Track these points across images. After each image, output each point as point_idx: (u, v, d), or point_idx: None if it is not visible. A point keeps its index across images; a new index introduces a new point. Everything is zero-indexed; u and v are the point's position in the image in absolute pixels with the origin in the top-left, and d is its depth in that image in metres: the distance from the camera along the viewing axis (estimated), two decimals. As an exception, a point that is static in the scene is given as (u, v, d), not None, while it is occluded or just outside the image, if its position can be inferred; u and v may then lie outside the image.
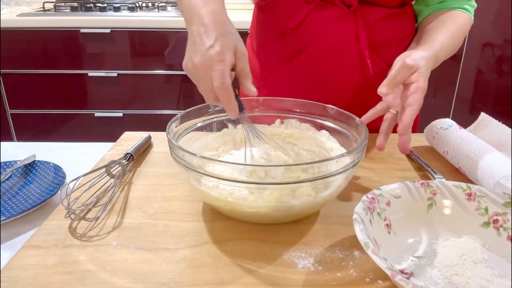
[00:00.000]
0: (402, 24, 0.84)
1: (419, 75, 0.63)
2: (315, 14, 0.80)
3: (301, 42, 0.83)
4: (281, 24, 0.83)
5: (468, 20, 0.80)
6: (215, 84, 0.50)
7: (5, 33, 1.94)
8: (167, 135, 0.54)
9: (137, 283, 0.44)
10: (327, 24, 0.80)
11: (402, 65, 0.63)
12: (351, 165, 0.50)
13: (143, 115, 2.12)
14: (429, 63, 0.66)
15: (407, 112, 0.60)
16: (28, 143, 0.83)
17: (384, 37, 0.82)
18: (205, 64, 0.51)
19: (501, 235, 0.49)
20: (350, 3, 0.78)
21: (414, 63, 0.63)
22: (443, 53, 0.72)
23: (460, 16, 0.79)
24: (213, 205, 0.55)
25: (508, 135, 0.70)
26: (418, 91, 0.61)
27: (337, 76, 0.83)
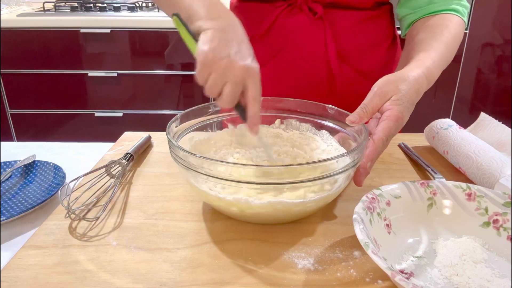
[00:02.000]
0: (377, 28, 0.80)
1: (392, 103, 0.56)
2: (283, 20, 0.78)
3: (272, 49, 0.80)
4: (251, 29, 0.80)
5: (460, 24, 0.73)
6: (253, 97, 0.51)
7: (5, 33, 1.94)
8: (167, 135, 0.54)
9: (137, 283, 0.44)
10: (295, 31, 0.77)
11: (376, 92, 0.57)
12: (351, 165, 0.50)
13: (143, 115, 2.13)
14: (415, 87, 0.59)
15: (370, 141, 0.55)
16: (28, 143, 0.83)
17: (356, 43, 0.78)
18: (245, 68, 0.50)
19: (501, 235, 0.49)
20: (315, 10, 0.75)
21: (389, 89, 0.57)
22: (437, 69, 0.65)
23: (451, 22, 0.72)
24: (212, 205, 0.55)
25: (508, 135, 0.70)
26: (388, 119, 0.55)
27: (306, 84, 0.81)
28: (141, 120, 2.13)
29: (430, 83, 0.63)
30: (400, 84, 0.57)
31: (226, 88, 0.50)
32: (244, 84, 0.51)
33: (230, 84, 0.50)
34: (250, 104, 0.52)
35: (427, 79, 0.61)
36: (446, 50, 0.68)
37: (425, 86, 0.61)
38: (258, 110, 0.52)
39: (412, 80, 0.58)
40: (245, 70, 0.50)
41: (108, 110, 2.11)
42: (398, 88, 0.57)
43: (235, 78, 0.50)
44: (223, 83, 0.51)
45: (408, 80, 0.58)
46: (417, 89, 0.59)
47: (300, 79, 0.80)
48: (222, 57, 0.50)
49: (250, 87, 0.51)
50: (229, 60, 0.50)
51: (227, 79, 0.50)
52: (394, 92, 0.57)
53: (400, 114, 0.56)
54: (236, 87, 0.51)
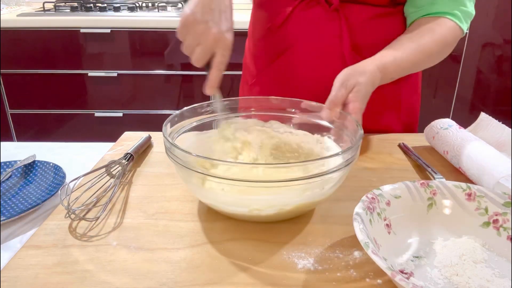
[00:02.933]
0: (392, 25, 0.81)
1: (355, 96, 0.63)
2: (299, 12, 0.79)
3: (286, 41, 0.82)
4: (269, 21, 0.84)
5: (452, 30, 0.75)
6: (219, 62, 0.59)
7: (5, 33, 1.94)
8: (163, 135, 0.54)
9: (137, 283, 0.44)
10: (311, 23, 0.79)
11: (340, 85, 0.64)
12: (345, 164, 0.51)
13: (143, 115, 2.12)
14: (372, 79, 0.66)
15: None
16: (28, 143, 0.83)
17: (371, 38, 0.79)
18: (217, 35, 0.58)
19: (501, 235, 0.49)
20: (331, 2, 0.76)
21: (351, 82, 0.64)
22: (396, 69, 0.71)
23: (441, 26, 0.74)
24: (208, 203, 0.55)
25: (508, 135, 0.70)
26: (354, 112, 0.62)
27: (320, 76, 0.81)
28: (141, 120, 2.13)
29: (384, 78, 0.70)
30: (360, 77, 0.65)
31: (197, 49, 0.59)
32: (214, 50, 0.59)
33: (201, 47, 0.59)
34: (213, 69, 0.60)
35: (380, 74, 0.68)
36: (419, 52, 0.72)
37: (378, 80, 0.68)
38: (218, 76, 0.61)
39: (369, 73, 0.66)
40: (217, 39, 0.58)
41: (108, 110, 2.11)
42: (358, 80, 0.64)
43: (206, 43, 0.59)
44: (196, 45, 0.59)
45: (366, 74, 0.66)
46: (373, 82, 0.66)
47: (314, 70, 0.82)
48: (200, 22, 0.58)
49: (217, 55, 0.59)
50: (205, 27, 0.58)
51: (199, 42, 0.59)
52: (355, 84, 0.64)
53: (362, 105, 0.64)
54: (206, 51, 0.59)
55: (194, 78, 2.04)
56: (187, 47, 0.60)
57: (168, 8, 2.20)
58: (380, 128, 0.85)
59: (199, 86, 2.07)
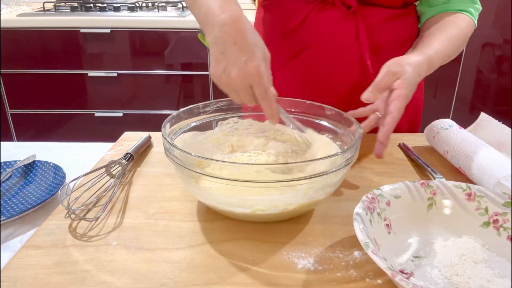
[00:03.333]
0: (405, 25, 0.83)
1: (402, 82, 0.63)
2: (315, 14, 0.80)
3: (302, 43, 0.82)
4: (282, 24, 0.84)
5: (470, 24, 0.79)
6: (259, 96, 0.54)
7: (5, 33, 1.94)
8: (162, 135, 0.55)
9: (137, 283, 0.44)
10: (328, 25, 0.80)
11: (387, 71, 0.64)
12: (345, 163, 0.51)
13: (143, 115, 2.12)
14: (418, 69, 0.66)
15: (387, 120, 0.61)
16: (28, 143, 0.83)
17: (385, 38, 0.81)
18: (243, 77, 0.53)
19: (501, 235, 0.49)
20: (349, 4, 0.78)
21: (398, 70, 0.63)
22: (438, 59, 0.72)
23: (462, 20, 0.78)
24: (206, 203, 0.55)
25: (508, 135, 0.70)
26: (399, 98, 0.62)
27: (337, 77, 0.82)
28: (141, 120, 2.13)
29: (429, 69, 0.70)
30: (407, 66, 0.64)
31: (241, 96, 0.56)
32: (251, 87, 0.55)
33: (241, 94, 0.55)
34: (261, 103, 0.56)
35: (427, 66, 0.69)
36: (450, 44, 0.74)
37: (425, 71, 0.68)
38: (270, 104, 0.56)
39: (416, 64, 0.66)
40: (244, 80, 0.53)
41: (108, 110, 2.11)
42: (405, 69, 0.64)
43: (241, 87, 0.54)
44: (249, 95, 0.56)
45: (413, 64, 0.65)
46: (419, 73, 0.66)
47: (332, 72, 0.82)
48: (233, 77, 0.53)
49: (255, 89, 0.55)
50: (227, 77, 0.54)
51: (237, 90, 0.55)
52: (402, 73, 0.63)
53: (408, 92, 0.63)
54: (245, 93, 0.55)
55: (194, 78, 2.04)
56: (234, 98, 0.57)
57: (168, 8, 2.20)
58: None
59: (199, 86, 2.07)
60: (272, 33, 0.87)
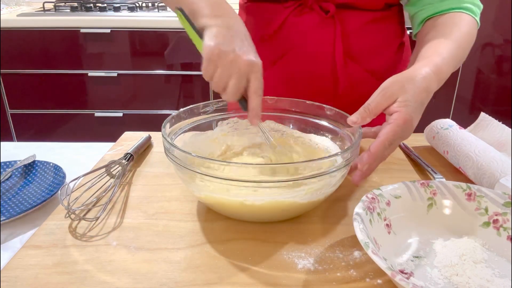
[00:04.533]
0: (387, 28, 0.80)
1: (400, 105, 0.54)
2: (293, 19, 0.78)
3: (281, 48, 0.81)
4: (261, 29, 0.82)
5: (471, 23, 0.70)
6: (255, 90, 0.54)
7: (5, 33, 1.94)
8: (162, 135, 0.55)
9: (137, 283, 0.44)
10: (306, 30, 0.77)
11: (380, 92, 0.55)
12: (345, 163, 0.51)
13: (143, 115, 2.12)
14: (424, 84, 0.56)
15: (372, 145, 0.53)
16: (28, 143, 0.83)
17: (367, 43, 0.78)
18: (248, 62, 0.53)
19: (501, 235, 0.49)
20: (327, 9, 0.75)
21: (393, 90, 0.54)
22: (447, 66, 0.62)
23: (461, 20, 0.69)
24: (206, 203, 0.55)
25: (508, 135, 0.70)
26: (394, 123, 0.53)
27: (313, 84, 0.81)
28: (141, 120, 2.13)
29: (440, 81, 0.60)
30: (407, 84, 0.55)
31: (231, 82, 0.54)
32: (247, 78, 0.54)
33: (235, 78, 0.53)
34: (252, 98, 0.55)
35: (436, 77, 0.58)
36: (457, 48, 0.65)
37: (434, 84, 0.58)
38: (259, 103, 0.56)
39: (420, 79, 0.56)
40: (249, 65, 0.54)
41: (108, 110, 2.11)
42: (405, 88, 0.55)
43: (240, 72, 0.53)
44: (228, 77, 0.53)
45: (416, 79, 0.56)
46: (426, 88, 0.56)
47: (307, 78, 0.81)
48: (228, 52, 0.53)
49: (253, 81, 0.54)
50: (234, 55, 0.53)
51: (232, 73, 0.53)
52: (400, 93, 0.54)
53: (408, 116, 0.53)
54: (240, 81, 0.54)
55: (194, 78, 2.04)
56: (219, 81, 0.54)
57: (168, 8, 2.19)
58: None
59: (199, 86, 2.07)
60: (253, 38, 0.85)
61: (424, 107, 0.57)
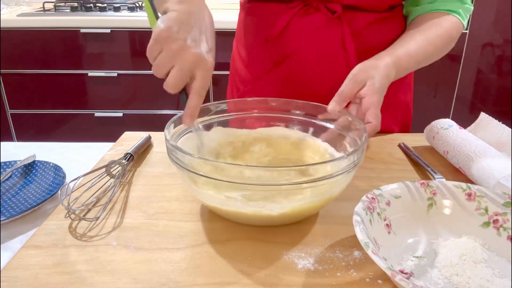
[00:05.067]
0: (391, 28, 0.81)
1: (368, 89, 0.61)
2: (298, 20, 0.78)
3: (286, 49, 0.80)
4: (265, 30, 0.81)
5: (456, 25, 0.76)
6: (199, 88, 0.51)
7: (5, 33, 1.94)
8: (165, 136, 0.54)
9: (137, 283, 0.44)
10: (312, 31, 0.77)
11: (351, 79, 0.62)
12: (351, 166, 0.50)
13: (143, 115, 2.12)
14: (385, 72, 0.64)
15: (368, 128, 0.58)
16: (28, 143, 0.83)
17: (372, 43, 0.79)
18: (196, 55, 0.50)
19: (501, 235, 0.49)
20: (334, 9, 0.75)
21: (363, 76, 0.62)
22: (409, 60, 0.69)
23: (447, 21, 0.75)
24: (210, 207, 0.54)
25: (508, 135, 0.70)
26: (371, 106, 0.60)
27: (323, 84, 0.80)
28: (141, 120, 2.13)
29: (399, 71, 0.68)
30: (373, 71, 0.63)
31: (172, 71, 0.50)
32: (192, 74, 0.51)
33: (177, 68, 0.50)
34: (192, 96, 0.52)
35: (395, 67, 0.66)
36: (428, 45, 0.72)
37: (393, 73, 0.66)
38: (199, 103, 0.53)
39: (382, 67, 0.64)
40: (197, 59, 0.51)
41: (108, 110, 2.11)
42: (372, 74, 0.62)
43: (184, 64, 0.50)
44: (170, 65, 0.50)
45: (379, 67, 0.64)
46: (387, 75, 0.65)
47: (318, 78, 0.81)
48: (177, 39, 0.50)
49: (197, 78, 0.51)
50: (183, 44, 0.50)
51: (175, 63, 0.50)
52: (368, 79, 0.62)
53: (378, 97, 0.62)
54: (183, 73, 0.51)
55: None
56: (158, 66, 0.51)
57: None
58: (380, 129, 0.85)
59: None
60: (255, 38, 0.84)
61: (385, 90, 0.65)
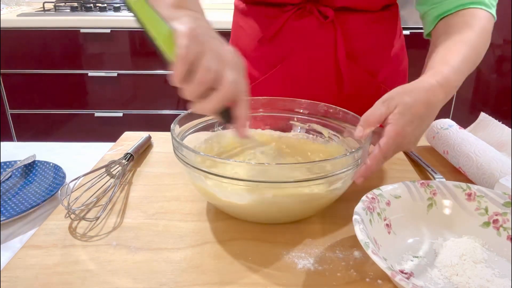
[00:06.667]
0: (386, 28, 0.80)
1: (394, 117, 0.52)
2: (292, 23, 0.78)
3: (281, 52, 0.80)
4: (259, 32, 0.81)
5: (487, 18, 0.66)
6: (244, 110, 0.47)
7: (5, 33, 1.94)
8: (171, 134, 0.54)
9: (137, 283, 0.44)
10: (306, 34, 0.77)
11: (378, 103, 0.54)
12: (354, 165, 0.50)
13: (143, 115, 2.12)
14: (424, 96, 0.54)
15: (370, 156, 0.52)
16: (28, 143, 0.83)
17: (366, 44, 0.79)
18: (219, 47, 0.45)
19: (501, 235, 0.49)
20: (326, 14, 0.75)
21: (390, 102, 0.53)
22: (456, 74, 0.59)
23: (475, 18, 0.65)
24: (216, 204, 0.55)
25: (508, 135, 0.70)
26: (386, 135, 0.52)
27: (316, 87, 0.81)
28: (141, 120, 2.13)
29: (448, 92, 0.57)
30: (405, 96, 0.53)
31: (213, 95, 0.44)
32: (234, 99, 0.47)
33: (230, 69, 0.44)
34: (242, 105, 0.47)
35: (443, 88, 0.56)
36: (470, 52, 0.62)
37: (441, 96, 0.55)
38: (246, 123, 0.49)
39: (421, 92, 0.54)
40: (237, 56, 0.47)
41: (108, 110, 2.11)
42: (403, 100, 0.53)
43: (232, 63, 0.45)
44: (217, 70, 0.44)
45: (416, 91, 0.54)
46: (427, 101, 0.54)
47: (310, 81, 0.81)
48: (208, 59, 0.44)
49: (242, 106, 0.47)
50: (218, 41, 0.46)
51: (222, 66, 0.44)
52: (397, 105, 0.52)
53: (401, 128, 0.52)
54: (225, 99, 0.45)
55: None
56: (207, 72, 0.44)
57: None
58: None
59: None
60: (250, 41, 0.84)
61: (424, 121, 0.55)
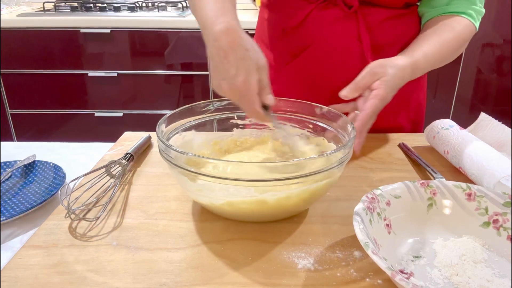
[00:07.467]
0: (406, 25, 0.83)
1: (381, 83, 0.65)
2: (316, 13, 0.80)
3: (304, 41, 0.83)
4: (283, 23, 0.84)
5: (469, 27, 0.78)
6: (245, 110, 0.55)
7: (5, 33, 1.94)
8: (157, 135, 0.54)
9: (137, 283, 0.44)
10: (329, 24, 0.80)
11: (368, 71, 0.66)
12: (338, 162, 0.50)
13: (143, 115, 2.12)
14: (401, 73, 0.68)
15: (359, 116, 0.64)
16: (28, 143, 0.83)
17: (387, 38, 0.81)
18: (233, 92, 0.53)
19: (501, 235, 0.49)
20: (351, 4, 0.78)
21: (380, 71, 0.66)
22: (426, 63, 0.73)
23: (459, 23, 0.77)
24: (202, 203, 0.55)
25: (508, 135, 0.70)
26: (375, 97, 0.64)
27: (338, 75, 0.82)
28: (141, 120, 2.13)
29: (414, 74, 0.72)
30: (389, 69, 0.66)
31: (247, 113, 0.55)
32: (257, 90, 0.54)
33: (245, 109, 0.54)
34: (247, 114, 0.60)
35: (411, 70, 0.70)
36: (442, 48, 0.75)
37: (408, 75, 0.70)
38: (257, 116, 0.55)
39: (400, 67, 0.68)
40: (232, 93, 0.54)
41: (108, 110, 2.11)
42: (387, 71, 0.66)
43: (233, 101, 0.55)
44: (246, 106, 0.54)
45: (397, 67, 0.67)
46: (402, 76, 0.68)
47: (334, 70, 0.82)
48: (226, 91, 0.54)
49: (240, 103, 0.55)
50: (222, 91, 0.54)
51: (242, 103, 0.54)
52: (383, 74, 0.66)
53: (386, 93, 0.65)
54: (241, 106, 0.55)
55: (194, 78, 2.04)
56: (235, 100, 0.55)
57: (168, 8, 2.19)
58: (391, 126, 0.87)
59: (199, 86, 2.07)
60: (273, 32, 0.87)
61: (396, 91, 0.68)
